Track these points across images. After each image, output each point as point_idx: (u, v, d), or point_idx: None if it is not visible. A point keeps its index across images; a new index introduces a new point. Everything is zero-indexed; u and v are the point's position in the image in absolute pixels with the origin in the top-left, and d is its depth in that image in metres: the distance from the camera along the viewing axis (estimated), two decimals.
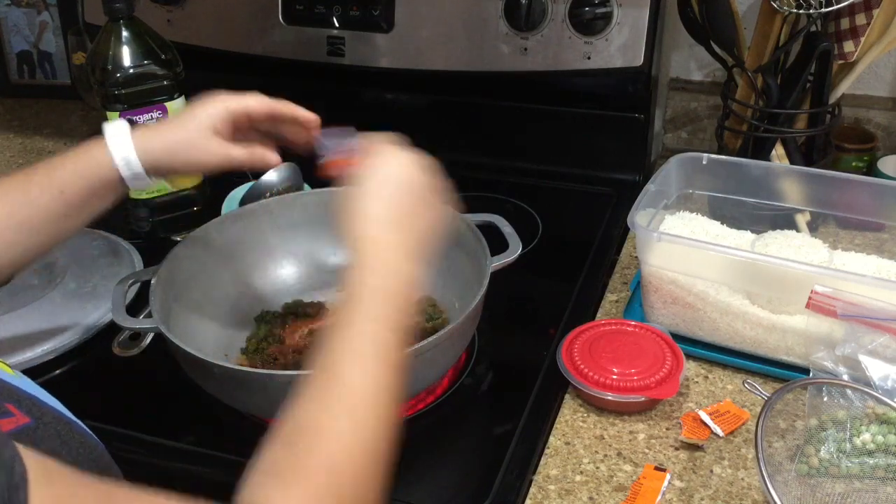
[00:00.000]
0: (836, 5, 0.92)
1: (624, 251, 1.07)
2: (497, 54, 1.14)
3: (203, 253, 0.90)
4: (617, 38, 1.09)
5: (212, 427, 0.82)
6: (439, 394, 0.83)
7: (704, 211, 0.96)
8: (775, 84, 1.02)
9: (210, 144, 0.74)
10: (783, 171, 0.97)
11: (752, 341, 0.85)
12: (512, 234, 0.88)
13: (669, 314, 0.88)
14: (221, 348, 0.88)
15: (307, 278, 0.97)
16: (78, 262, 1.01)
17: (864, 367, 0.74)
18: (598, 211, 1.14)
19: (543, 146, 1.24)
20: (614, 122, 1.19)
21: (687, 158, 0.96)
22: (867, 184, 0.93)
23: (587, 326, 0.87)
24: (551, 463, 0.76)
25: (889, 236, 0.94)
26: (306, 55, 1.22)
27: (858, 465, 0.72)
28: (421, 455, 0.78)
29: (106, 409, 0.84)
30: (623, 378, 0.79)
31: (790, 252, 0.85)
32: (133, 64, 1.02)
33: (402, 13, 1.16)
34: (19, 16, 1.50)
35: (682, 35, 1.15)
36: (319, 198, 0.97)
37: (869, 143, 1.16)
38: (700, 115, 1.32)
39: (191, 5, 1.25)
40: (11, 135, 1.44)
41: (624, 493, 0.72)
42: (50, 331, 0.90)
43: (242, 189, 1.12)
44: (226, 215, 0.94)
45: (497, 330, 0.90)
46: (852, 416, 0.73)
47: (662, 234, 0.84)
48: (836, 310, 0.76)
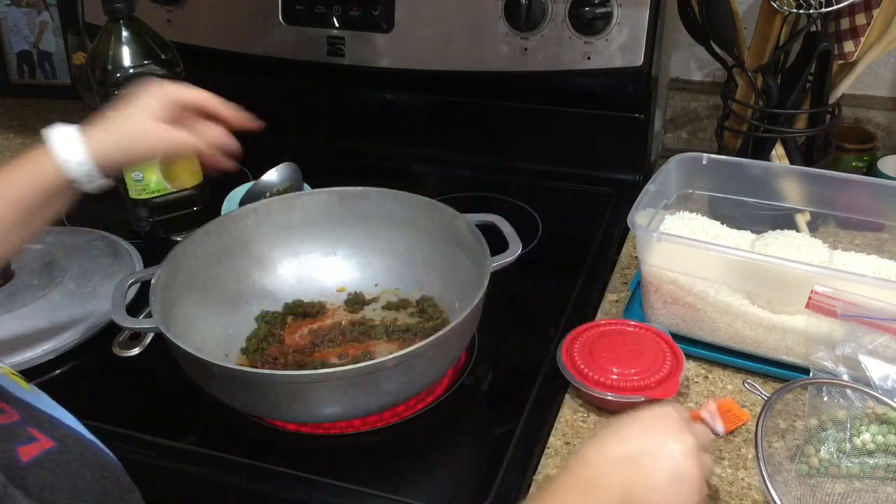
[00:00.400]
0: (836, 5, 0.92)
1: (624, 251, 1.07)
2: (497, 54, 1.14)
3: (203, 253, 0.90)
4: (617, 38, 1.09)
5: (212, 427, 0.82)
6: (439, 394, 0.83)
7: (704, 211, 0.96)
8: (775, 84, 1.02)
9: (156, 129, 0.74)
10: (783, 171, 0.97)
11: (752, 341, 0.85)
12: (512, 234, 0.88)
13: (669, 314, 0.88)
14: (221, 348, 0.88)
15: (307, 278, 0.97)
16: (78, 262, 1.01)
17: (864, 367, 0.74)
18: (598, 211, 1.14)
19: (543, 146, 1.24)
20: (614, 122, 1.19)
21: (687, 158, 0.96)
22: (867, 184, 0.93)
23: (587, 326, 0.87)
24: (551, 463, 0.76)
25: (889, 236, 0.94)
26: (306, 55, 1.22)
27: (858, 465, 0.72)
28: (421, 455, 0.78)
29: (106, 409, 0.84)
30: (623, 378, 0.79)
31: (790, 252, 0.85)
32: (133, 64, 1.02)
33: (402, 13, 1.16)
34: (19, 16, 1.50)
35: (682, 35, 1.15)
36: (319, 198, 0.97)
37: (869, 143, 1.16)
38: (700, 115, 1.32)
39: (191, 5, 1.25)
40: (11, 135, 1.44)
41: None
42: (50, 331, 0.90)
43: (242, 189, 1.12)
44: (226, 215, 0.94)
45: (497, 330, 0.90)
46: (852, 416, 0.73)
47: (662, 234, 0.84)
48: (836, 310, 0.75)
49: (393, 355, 0.71)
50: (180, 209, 1.12)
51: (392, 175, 1.11)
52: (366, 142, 1.30)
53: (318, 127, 1.33)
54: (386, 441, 0.79)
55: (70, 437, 0.52)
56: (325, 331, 0.91)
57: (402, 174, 1.19)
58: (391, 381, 0.74)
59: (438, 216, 0.92)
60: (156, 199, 1.10)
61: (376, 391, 0.75)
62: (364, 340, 0.90)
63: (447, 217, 0.91)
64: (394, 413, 0.80)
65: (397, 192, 0.95)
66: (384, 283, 0.97)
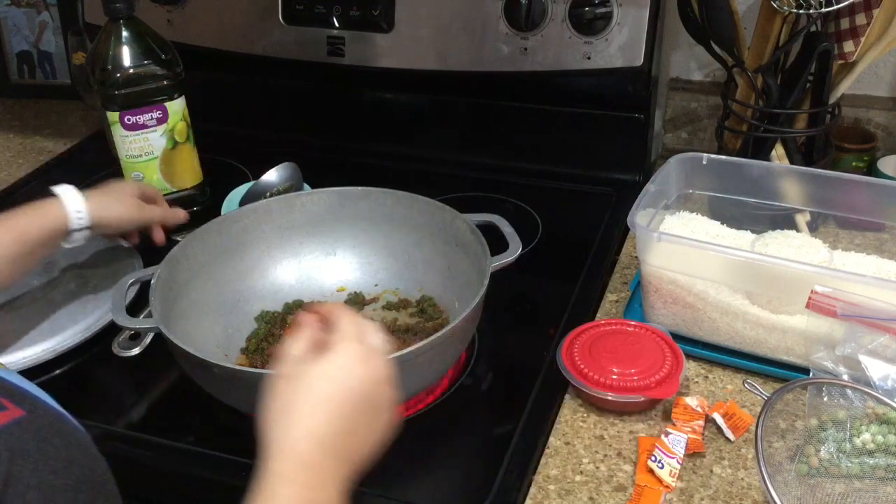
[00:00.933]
0: (836, 5, 0.92)
1: (624, 251, 1.07)
2: (497, 54, 1.14)
3: (203, 253, 0.90)
4: (617, 38, 1.09)
5: (212, 427, 0.82)
6: (439, 394, 0.83)
7: (704, 211, 0.96)
8: (775, 84, 1.02)
9: (134, 203, 0.97)
10: (783, 171, 0.97)
11: (752, 341, 0.85)
12: (512, 234, 0.88)
13: (669, 314, 0.88)
14: (221, 348, 0.88)
15: (307, 278, 0.97)
16: (78, 262, 1.01)
17: (864, 367, 0.74)
18: (598, 211, 1.14)
19: (543, 146, 1.24)
20: (614, 122, 1.19)
21: (687, 158, 0.96)
22: (867, 184, 0.93)
23: (587, 326, 0.87)
24: (551, 463, 0.76)
25: (889, 236, 0.94)
26: (306, 55, 1.22)
27: (858, 465, 0.72)
28: (421, 455, 0.78)
29: (106, 409, 0.84)
30: (623, 378, 0.79)
31: (790, 252, 0.85)
32: (133, 64, 1.02)
33: (402, 13, 1.16)
34: (19, 16, 1.50)
35: (682, 35, 1.15)
36: (319, 198, 0.97)
37: (869, 143, 1.16)
38: (700, 115, 1.32)
39: (191, 5, 1.25)
40: (11, 135, 1.44)
41: (624, 493, 0.72)
42: (50, 331, 0.90)
43: (242, 189, 1.12)
44: (226, 215, 0.94)
45: (497, 330, 0.90)
46: (852, 416, 0.73)
47: (662, 234, 0.84)
48: (836, 310, 0.75)
49: (393, 355, 0.71)
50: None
51: (392, 175, 1.11)
52: (366, 142, 1.30)
53: (318, 127, 1.33)
54: None
55: (40, 407, 0.54)
56: None
57: (402, 174, 1.19)
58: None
59: (438, 216, 0.92)
60: None
61: None
62: None
63: (447, 217, 0.91)
64: None
65: (397, 192, 0.95)
66: (384, 283, 0.97)
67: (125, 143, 1.06)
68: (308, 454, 0.56)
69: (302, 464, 0.55)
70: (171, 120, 1.07)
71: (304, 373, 0.59)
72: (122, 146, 1.06)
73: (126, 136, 1.05)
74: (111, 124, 1.05)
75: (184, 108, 1.08)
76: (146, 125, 1.06)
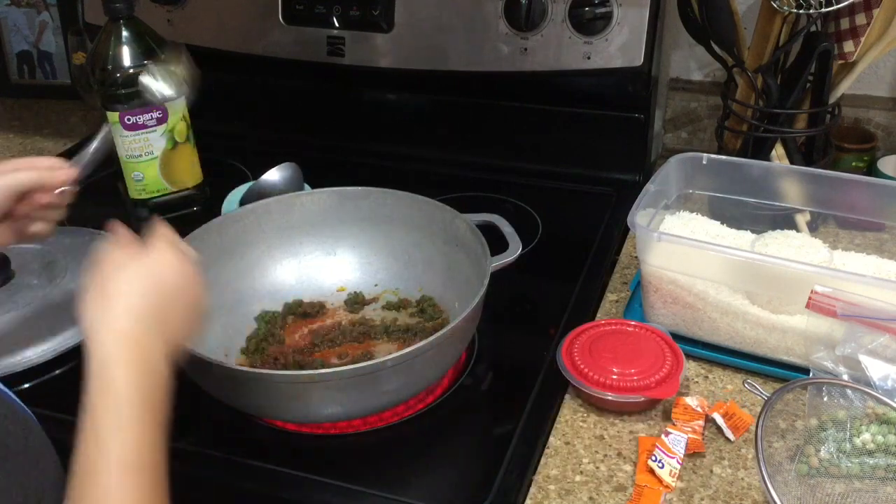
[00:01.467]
0: (836, 5, 0.92)
1: (624, 251, 1.07)
2: (497, 54, 1.14)
3: (203, 253, 0.89)
4: (617, 38, 1.09)
5: (212, 427, 0.82)
6: (439, 394, 0.83)
7: (704, 211, 0.96)
8: (775, 84, 1.02)
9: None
10: (783, 171, 0.97)
11: (752, 341, 0.85)
12: (512, 234, 0.88)
13: (669, 314, 0.88)
14: (221, 348, 0.88)
15: (307, 278, 0.97)
16: (78, 262, 1.01)
17: (864, 367, 0.74)
18: (598, 211, 1.14)
19: (543, 146, 1.24)
20: (614, 122, 1.19)
21: (687, 158, 0.96)
22: (867, 184, 0.93)
23: (587, 326, 0.87)
24: (551, 463, 0.76)
25: (889, 236, 0.94)
26: (306, 55, 1.22)
27: (858, 465, 0.72)
28: (421, 455, 0.78)
29: None
30: (623, 378, 0.79)
31: (790, 252, 0.85)
32: (133, 64, 1.02)
33: (402, 13, 1.16)
34: (19, 16, 1.50)
35: (682, 35, 1.15)
36: (319, 198, 0.97)
37: (869, 143, 1.16)
38: (700, 115, 1.32)
39: (191, 5, 1.25)
40: (11, 135, 1.44)
41: (624, 493, 0.72)
42: (50, 331, 0.90)
43: (242, 189, 1.12)
44: (226, 215, 0.94)
45: (497, 330, 0.90)
46: (852, 416, 0.73)
47: (662, 234, 0.84)
48: (836, 310, 0.75)
49: (393, 355, 0.71)
50: (180, 209, 1.12)
51: (392, 175, 1.11)
52: (366, 142, 1.30)
53: (318, 127, 1.33)
54: (386, 441, 0.79)
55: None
56: (325, 331, 0.92)
57: (402, 174, 1.19)
58: (391, 381, 0.74)
59: (438, 216, 0.92)
60: (156, 199, 1.11)
61: (376, 391, 0.75)
62: (364, 340, 0.90)
63: (447, 217, 0.91)
64: (394, 413, 0.80)
65: (397, 192, 0.95)
66: (384, 283, 0.97)
67: (125, 143, 1.06)
68: (130, 330, 0.57)
69: (127, 340, 0.57)
70: (171, 120, 1.07)
71: (120, 265, 0.62)
72: (122, 146, 1.06)
73: (126, 136, 1.06)
74: (111, 124, 1.05)
75: (184, 108, 1.08)
76: (146, 125, 1.06)
